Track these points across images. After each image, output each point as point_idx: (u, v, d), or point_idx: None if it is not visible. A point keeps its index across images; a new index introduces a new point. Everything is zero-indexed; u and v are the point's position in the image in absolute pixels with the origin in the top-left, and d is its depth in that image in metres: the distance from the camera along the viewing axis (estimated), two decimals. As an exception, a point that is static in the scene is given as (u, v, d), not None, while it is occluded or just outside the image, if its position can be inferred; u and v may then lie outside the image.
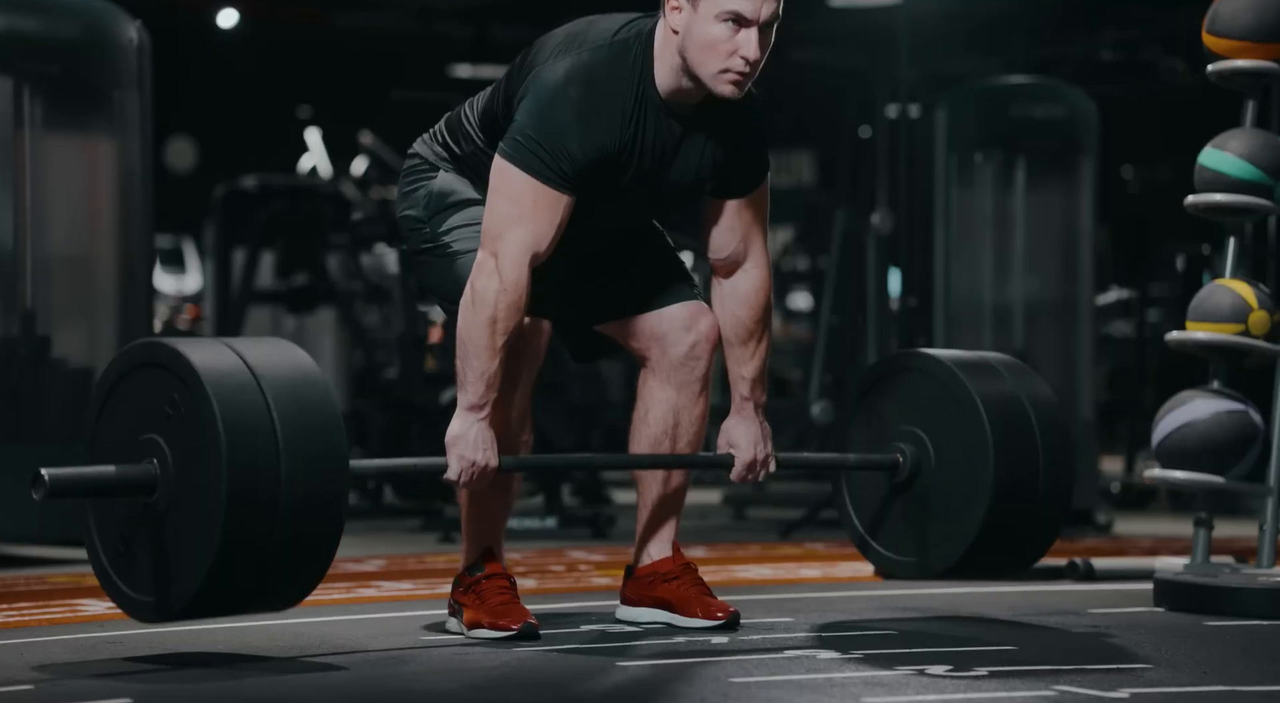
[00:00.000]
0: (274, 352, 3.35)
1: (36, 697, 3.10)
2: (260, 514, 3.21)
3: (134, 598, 3.36)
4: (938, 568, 3.99)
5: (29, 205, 5.61)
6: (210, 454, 3.20)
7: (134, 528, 3.34)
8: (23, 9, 5.69)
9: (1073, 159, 7.26)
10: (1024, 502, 3.92)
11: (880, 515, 4.08)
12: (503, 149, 3.62)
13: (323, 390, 3.33)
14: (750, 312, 3.84)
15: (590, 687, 3.17)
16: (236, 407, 3.22)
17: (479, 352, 3.59)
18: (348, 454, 3.35)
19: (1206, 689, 3.14)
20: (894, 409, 4.05)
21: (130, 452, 3.33)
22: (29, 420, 5.60)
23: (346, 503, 3.36)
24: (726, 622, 3.82)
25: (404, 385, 7.24)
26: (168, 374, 3.28)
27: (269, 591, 3.35)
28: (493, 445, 3.63)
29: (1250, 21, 4.42)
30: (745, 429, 3.88)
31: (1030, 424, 3.94)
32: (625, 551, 3.98)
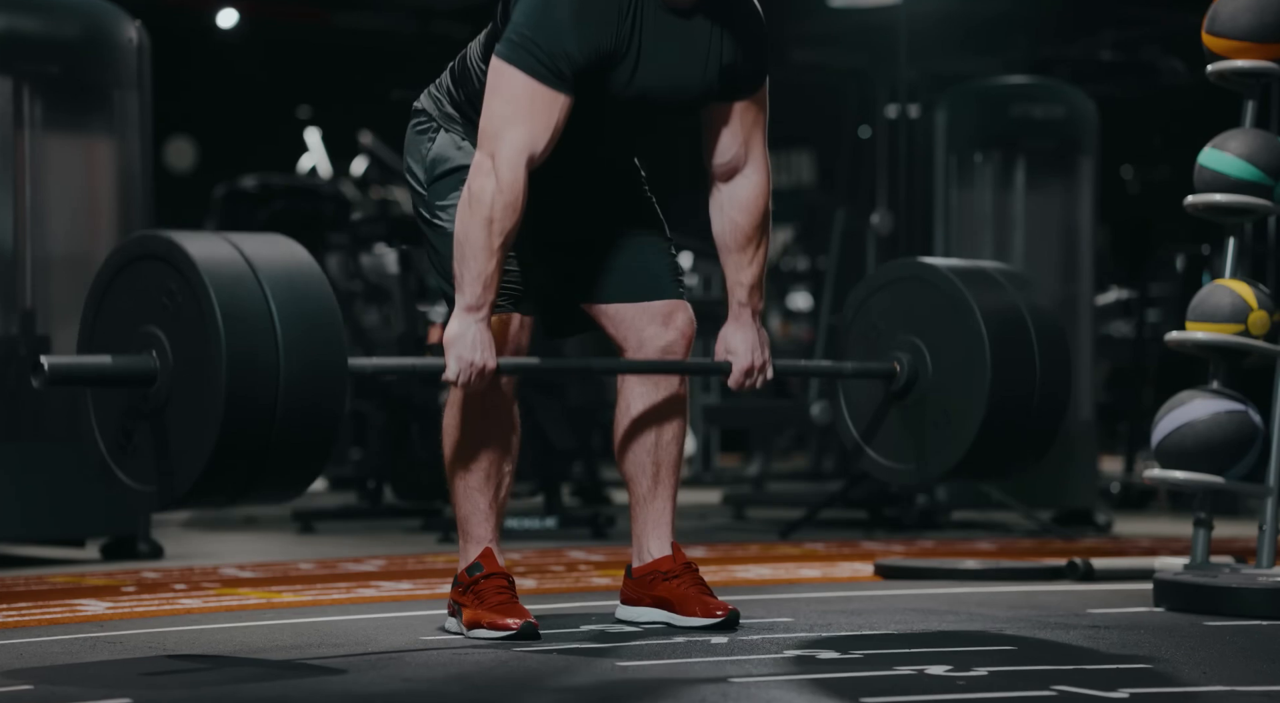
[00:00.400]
0: (271, 245, 3.34)
1: (35, 697, 3.11)
2: (259, 403, 3.20)
3: (135, 488, 3.36)
4: (935, 473, 4.00)
5: (29, 205, 5.61)
6: (208, 344, 3.19)
7: (134, 420, 3.34)
8: (22, 9, 5.69)
9: (1072, 159, 7.26)
10: (1020, 407, 3.91)
11: (877, 424, 4.07)
12: (499, 50, 3.61)
13: (319, 283, 3.32)
14: (749, 217, 3.85)
15: (590, 687, 3.17)
16: (234, 297, 3.20)
17: (476, 252, 3.60)
18: (345, 344, 3.33)
19: (1206, 690, 3.14)
20: (891, 319, 4.04)
21: (130, 344, 3.33)
22: (28, 420, 5.60)
23: (346, 394, 3.34)
24: (725, 620, 3.82)
25: (404, 385, 7.24)
26: (165, 266, 3.27)
27: (269, 480, 3.32)
28: (491, 346, 3.63)
29: (1250, 21, 4.42)
30: (743, 336, 3.89)
31: (1027, 331, 3.93)
32: (625, 551, 3.98)
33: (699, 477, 10.49)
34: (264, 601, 4.56)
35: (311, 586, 4.91)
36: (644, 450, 3.91)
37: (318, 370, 3.26)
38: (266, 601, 4.57)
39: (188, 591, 4.75)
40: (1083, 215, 7.29)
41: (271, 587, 4.88)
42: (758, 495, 8.62)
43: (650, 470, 3.91)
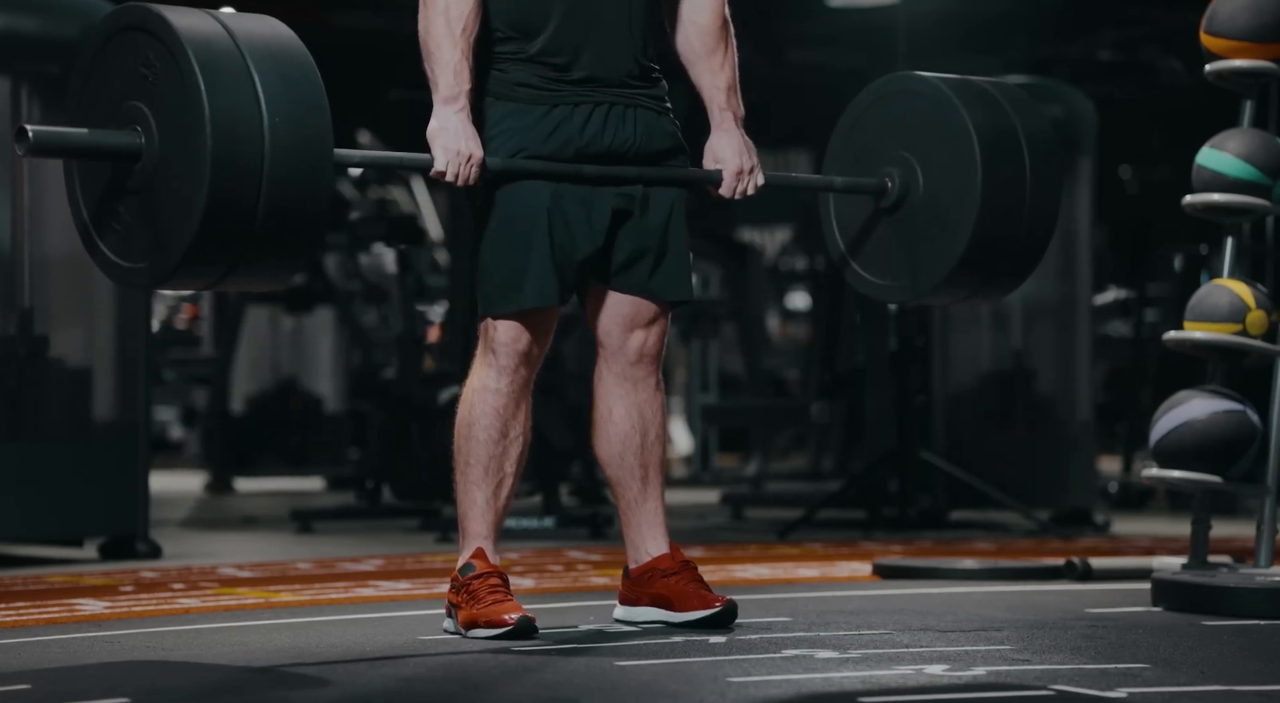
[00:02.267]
0: (253, 20, 3.32)
1: (34, 696, 3.10)
2: (245, 174, 3.18)
3: (125, 266, 3.34)
4: (925, 287, 3.98)
5: (27, 205, 5.61)
6: (190, 108, 3.17)
7: (120, 196, 3.32)
8: (21, 9, 5.69)
9: (1071, 159, 7.26)
10: (1010, 225, 3.90)
11: (864, 237, 4.06)
12: None
13: (303, 56, 3.31)
14: (710, 15, 3.87)
15: (588, 687, 3.17)
16: (216, 65, 3.19)
17: (439, 43, 3.67)
18: (329, 117, 3.31)
19: (1204, 689, 3.14)
20: (885, 133, 4.02)
21: (115, 119, 3.30)
22: (27, 420, 5.60)
23: (331, 161, 3.32)
24: (723, 611, 3.82)
25: (402, 385, 7.24)
26: (143, 35, 3.26)
27: (257, 256, 3.28)
28: (474, 137, 3.66)
29: (1248, 21, 4.42)
30: (729, 141, 3.89)
31: (1020, 147, 3.92)
32: (623, 550, 3.98)
33: (697, 476, 10.49)
34: (262, 600, 4.56)
35: (310, 585, 4.91)
36: (630, 453, 3.90)
37: (303, 140, 3.24)
38: (265, 600, 4.57)
39: (186, 590, 4.75)
40: (1081, 215, 7.29)
41: (270, 587, 4.88)
42: (756, 495, 8.63)
43: (639, 473, 3.91)
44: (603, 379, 3.90)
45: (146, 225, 3.28)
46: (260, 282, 3.45)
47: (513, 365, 3.78)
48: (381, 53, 12.10)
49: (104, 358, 5.79)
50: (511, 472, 3.83)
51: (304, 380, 10.21)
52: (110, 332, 5.79)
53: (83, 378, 5.73)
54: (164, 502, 7.89)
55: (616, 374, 3.89)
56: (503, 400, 3.78)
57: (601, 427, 3.91)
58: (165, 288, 3.38)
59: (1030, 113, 3.98)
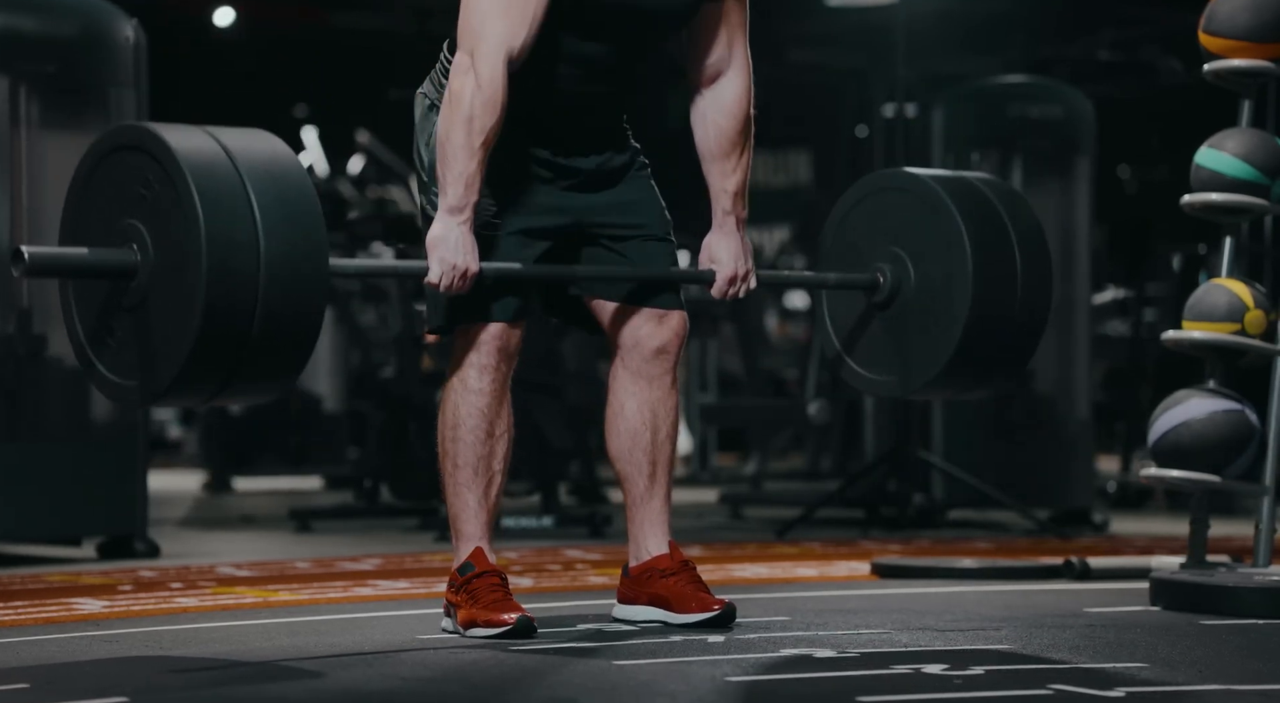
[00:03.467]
0: (249, 137, 3.33)
1: (32, 696, 3.10)
2: (240, 295, 3.19)
3: (118, 383, 3.35)
4: (917, 383, 3.99)
5: (25, 204, 5.60)
6: (188, 233, 3.18)
7: (115, 314, 3.33)
8: (19, 7, 5.69)
9: (1070, 159, 7.26)
10: (1002, 320, 3.91)
11: (859, 335, 4.07)
12: None
13: (299, 174, 3.31)
14: (733, 121, 3.85)
15: (587, 686, 3.17)
16: (212, 183, 3.20)
17: (457, 152, 3.60)
18: (325, 237, 3.32)
19: (1202, 688, 3.14)
20: (874, 229, 4.03)
21: (110, 238, 3.31)
22: (26, 420, 5.60)
23: (327, 285, 3.33)
24: (722, 614, 3.82)
25: (401, 385, 7.24)
26: (142, 155, 3.27)
27: (250, 376, 3.30)
28: (473, 250, 3.63)
29: (1247, 21, 4.42)
30: (727, 244, 3.89)
31: (1010, 242, 3.93)
32: (622, 550, 3.98)
33: (696, 476, 10.49)
34: (261, 599, 4.56)
35: (308, 584, 4.91)
36: (640, 450, 3.90)
37: (298, 261, 3.24)
38: (263, 599, 4.56)
39: (184, 590, 4.75)
40: (1080, 215, 7.29)
41: (268, 586, 4.88)
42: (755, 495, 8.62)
43: (646, 470, 3.91)
44: (617, 375, 3.91)
45: (140, 343, 3.31)
46: (253, 399, 3.46)
47: (494, 363, 3.77)
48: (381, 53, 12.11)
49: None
50: (500, 469, 3.82)
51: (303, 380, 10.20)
52: (109, 331, 5.79)
53: (81, 378, 5.72)
54: (162, 501, 7.89)
55: (632, 370, 3.89)
56: (486, 400, 3.77)
57: (613, 422, 3.91)
58: (157, 406, 3.38)
59: (1020, 208, 4.00)
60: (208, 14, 11.74)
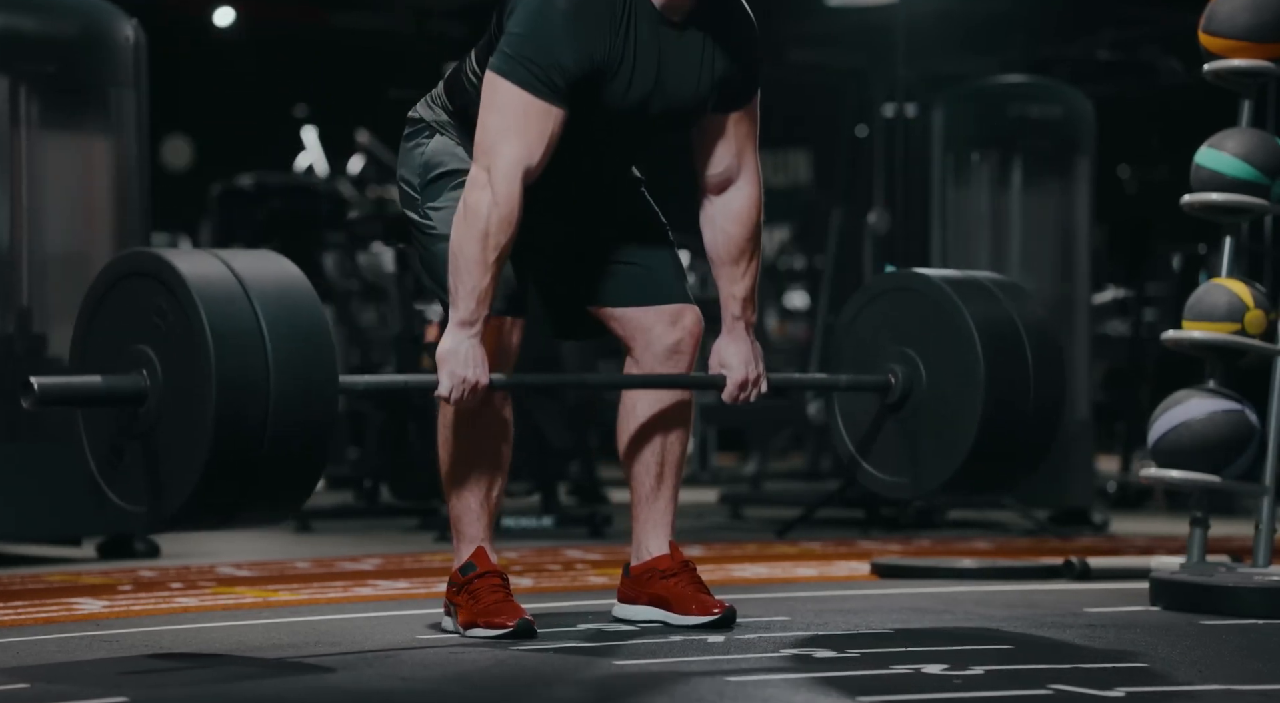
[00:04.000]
0: (262, 262, 3.34)
1: (32, 695, 3.10)
2: (249, 424, 3.20)
3: (125, 508, 3.36)
4: (931, 486, 3.99)
5: (25, 204, 5.60)
6: (199, 364, 3.19)
7: (124, 439, 3.34)
8: (19, 7, 5.69)
9: (1070, 159, 7.26)
10: (1015, 420, 3.91)
11: (872, 437, 4.07)
12: (493, 63, 3.61)
13: (310, 300, 3.32)
14: (743, 229, 3.85)
15: (586, 686, 3.17)
16: (224, 315, 3.21)
17: (470, 267, 3.60)
18: (336, 364, 3.33)
19: (1202, 688, 3.14)
20: (885, 330, 4.04)
21: (120, 363, 3.32)
22: (25, 420, 5.60)
23: (336, 414, 3.34)
24: (722, 617, 3.82)
25: (401, 385, 7.23)
26: (155, 283, 3.27)
27: (258, 502, 3.32)
28: (484, 363, 3.63)
29: (1247, 21, 4.42)
30: (737, 349, 3.89)
31: (1021, 343, 3.93)
32: (622, 549, 3.98)
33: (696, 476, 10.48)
34: (260, 599, 4.56)
35: (308, 584, 4.91)
36: (649, 450, 3.91)
37: (308, 389, 3.26)
38: (263, 599, 4.56)
39: (184, 589, 4.75)
40: (1080, 215, 7.29)
41: (268, 586, 4.88)
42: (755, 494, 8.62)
43: (655, 470, 3.91)
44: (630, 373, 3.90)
45: (147, 470, 3.32)
46: (260, 525, 3.47)
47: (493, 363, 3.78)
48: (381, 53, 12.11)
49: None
50: (501, 468, 3.83)
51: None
52: (109, 331, 5.79)
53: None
54: (162, 501, 7.87)
55: (645, 370, 3.89)
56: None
57: (623, 421, 3.92)
58: (165, 532, 3.37)
59: (1029, 306, 4.01)
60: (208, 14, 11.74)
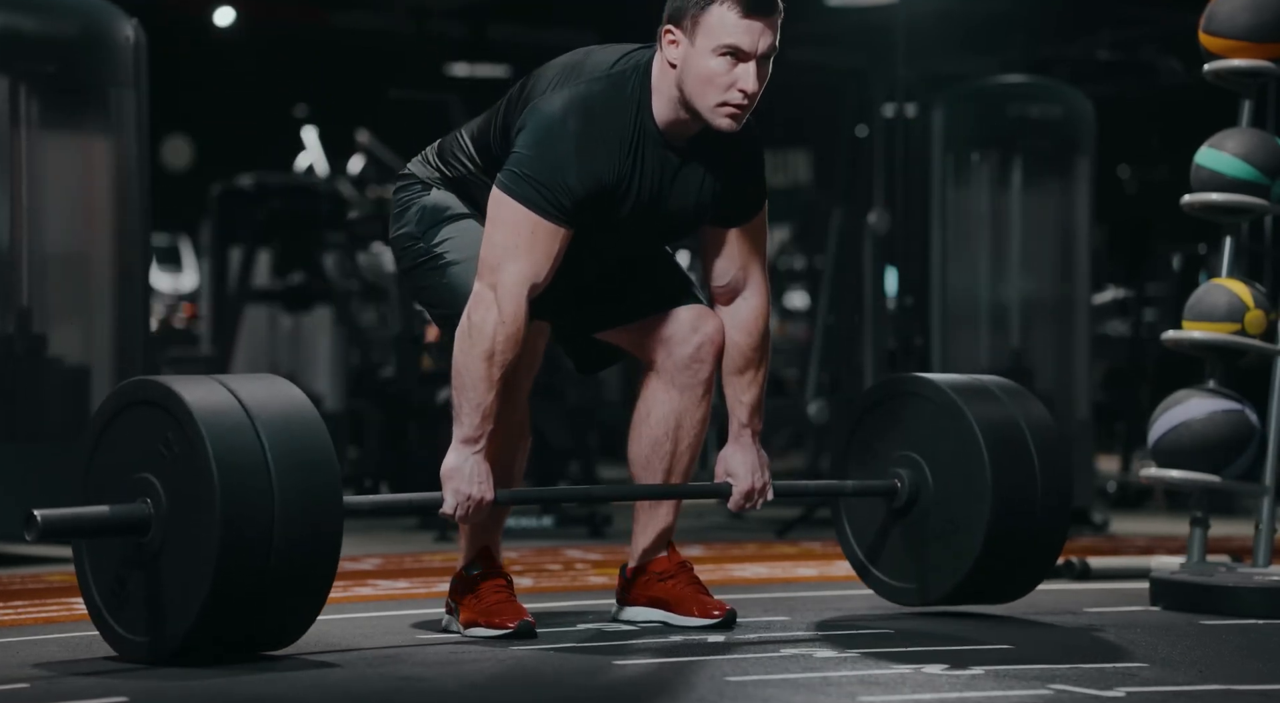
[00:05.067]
0: (267, 389, 3.35)
1: (33, 695, 3.10)
2: (254, 555, 3.22)
3: (127, 639, 3.37)
4: (936, 594, 4.01)
5: (25, 204, 5.60)
6: (204, 495, 3.21)
7: (127, 568, 3.34)
8: (19, 7, 5.69)
9: (1069, 159, 7.26)
10: (1022, 526, 3.93)
11: (880, 541, 4.08)
12: (501, 181, 3.61)
13: (316, 428, 3.33)
14: (749, 338, 3.85)
15: (587, 686, 3.17)
16: (230, 447, 3.22)
17: (475, 384, 3.59)
18: (341, 492, 3.34)
19: (1202, 688, 3.14)
20: (890, 434, 4.05)
21: (124, 490, 3.33)
22: (25, 420, 5.60)
23: (340, 542, 3.35)
24: (722, 620, 3.82)
25: (401, 384, 7.24)
26: (162, 413, 3.28)
27: (263, 632, 3.36)
28: (488, 479, 3.63)
29: (1247, 21, 4.42)
30: (743, 458, 3.89)
31: (1027, 447, 3.95)
32: (622, 550, 3.98)
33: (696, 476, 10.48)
34: (261, 599, 4.55)
35: (308, 584, 4.90)
36: (659, 458, 3.91)
37: (313, 517, 3.27)
38: (263, 599, 4.56)
39: (184, 589, 4.74)
40: (1080, 215, 7.29)
41: (268, 585, 4.87)
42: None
43: (661, 478, 3.91)
44: (649, 380, 3.90)
45: (149, 600, 3.32)
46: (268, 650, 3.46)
47: None
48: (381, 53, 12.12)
49: (102, 357, 5.78)
50: (515, 475, 3.82)
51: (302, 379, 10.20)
52: (109, 330, 5.79)
53: (81, 377, 5.73)
54: (162, 501, 7.87)
55: (665, 378, 3.88)
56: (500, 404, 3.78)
57: (636, 427, 3.91)
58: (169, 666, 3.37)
59: (1033, 408, 4.02)
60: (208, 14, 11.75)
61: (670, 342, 3.85)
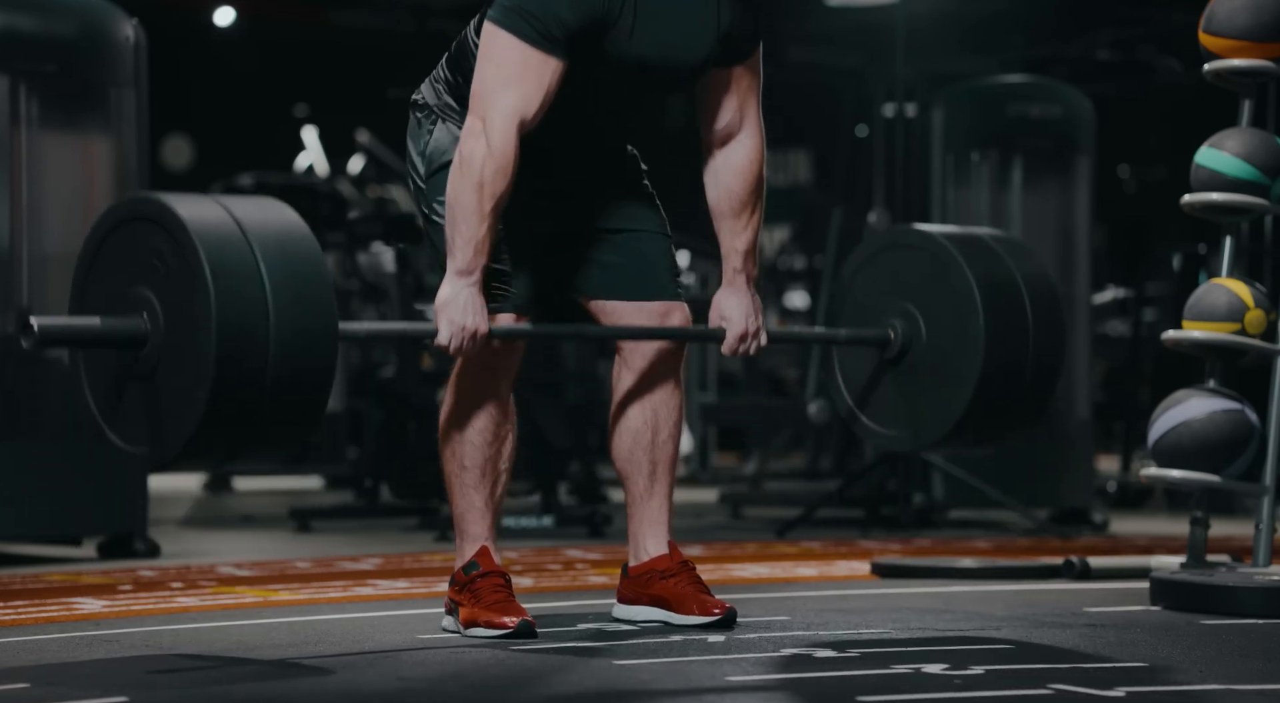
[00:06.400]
0: (260, 207, 3.35)
1: (32, 695, 3.10)
2: (250, 364, 3.21)
3: (126, 449, 3.38)
4: (931, 438, 4.00)
5: (25, 203, 5.60)
6: (198, 305, 3.20)
7: (125, 381, 3.35)
8: (19, 7, 5.68)
9: (1069, 158, 7.26)
10: (1014, 374, 3.92)
11: (871, 391, 4.07)
12: (491, 14, 3.62)
13: (309, 244, 3.33)
14: (744, 182, 3.85)
15: (587, 685, 3.17)
16: (224, 257, 3.21)
17: (467, 216, 3.60)
18: (335, 306, 3.34)
19: (1202, 688, 3.14)
20: (885, 286, 4.04)
21: (121, 307, 3.33)
22: (25, 419, 5.60)
23: (336, 355, 3.35)
24: (723, 619, 3.82)
25: (401, 384, 7.24)
26: (155, 227, 3.28)
27: (259, 441, 3.33)
28: (482, 311, 3.64)
29: (1247, 21, 4.42)
30: (737, 302, 3.90)
31: (1020, 294, 3.94)
32: (622, 549, 3.98)
33: (696, 475, 10.49)
34: (261, 599, 4.56)
35: (308, 584, 4.91)
36: (640, 449, 3.90)
37: (308, 331, 3.27)
38: (263, 599, 4.56)
39: (184, 589, 4.75)
40: (1079, 214, 7.29)
41: (268, 585, 4.88)
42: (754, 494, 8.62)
43: (647, 469, 3.91)
44: (621, 375, 3.91)
45: (148, 412, 3.33)
46: (261, 463, 3.49)
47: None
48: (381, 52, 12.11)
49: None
50: (505, 468, 3.83)
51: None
52: (109, 330, 5.79)
53: (81, 376, 5.72)
54: (162, 500, 7.88)
55: (635, 370, 3.89)
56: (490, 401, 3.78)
57: (615, 422, 3.92)
58: (167, 472, 3.41)
59: (1032, 265, 4.01)
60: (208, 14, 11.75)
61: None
